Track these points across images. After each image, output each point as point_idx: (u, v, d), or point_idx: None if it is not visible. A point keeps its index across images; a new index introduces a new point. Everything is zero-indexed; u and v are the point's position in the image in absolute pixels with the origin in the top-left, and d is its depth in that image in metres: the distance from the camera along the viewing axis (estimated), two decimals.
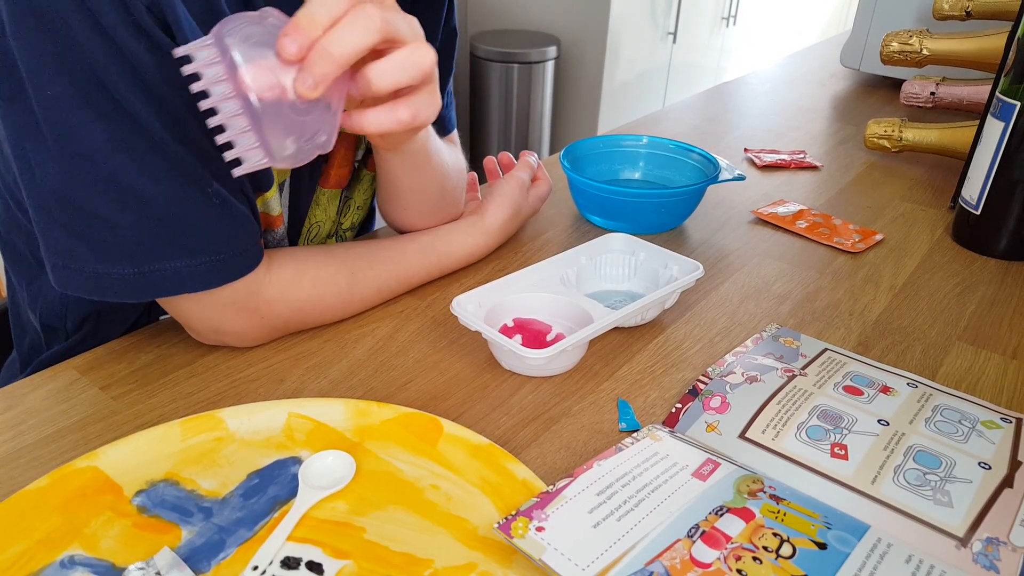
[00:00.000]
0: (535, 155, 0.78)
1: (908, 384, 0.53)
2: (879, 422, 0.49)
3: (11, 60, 0.44)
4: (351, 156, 0.67)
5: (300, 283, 0.56)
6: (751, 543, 0.38)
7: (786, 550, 0.38)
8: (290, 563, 0.39)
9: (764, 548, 0.38)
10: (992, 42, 0.97)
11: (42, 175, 0.46)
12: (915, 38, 1.03)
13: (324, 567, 0.38)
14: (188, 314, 0.54)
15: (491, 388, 0.54)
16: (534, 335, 0.58)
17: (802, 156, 0.99)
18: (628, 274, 0.66)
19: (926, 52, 1.03)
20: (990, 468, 0.45)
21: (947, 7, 1.01)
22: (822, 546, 0.39)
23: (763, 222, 0.81)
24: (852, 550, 0.38)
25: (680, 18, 2.89)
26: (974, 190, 0.74)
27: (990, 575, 0.38)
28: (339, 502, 0.43)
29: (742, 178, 0.78)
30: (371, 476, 0.44)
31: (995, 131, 0.71)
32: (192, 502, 0.42)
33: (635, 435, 0.47)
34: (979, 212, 0.74)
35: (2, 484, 0.44)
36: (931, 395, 0.52)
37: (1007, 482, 0.44)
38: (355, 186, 0.71)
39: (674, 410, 0.51)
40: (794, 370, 0.55)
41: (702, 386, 0.53)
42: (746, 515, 0.40)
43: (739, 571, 0.37)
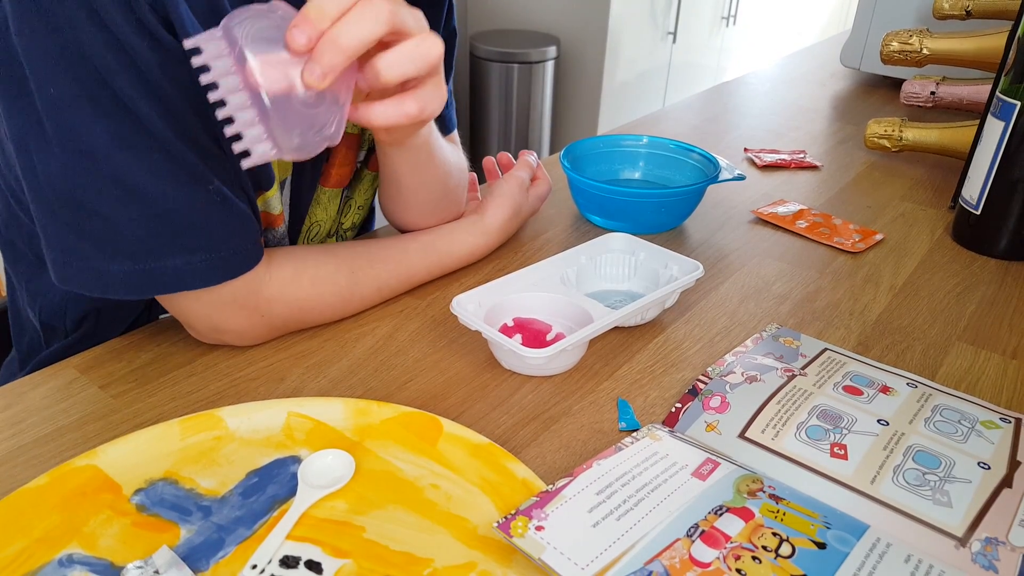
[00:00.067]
0: (534, 154, 0.78)
1: (908, 384, 0.53)
2: (879, 422, 0.49)
3: (15, 58, 0.44)
4: (353, 156, 0.67)
5: (300, 282, 0.56)
6: (750, 543, 0.38)
7: (785, 549, 0.38)
8: (289, 562, 0.39)
9: (763, 548, 0.38)
10: (992, 42, 0.97)
11: (44, 172, 0.46)
12: (915, 38, 1.03)
13: (323, 566, 0.38)
14: (188, 312, 0.54)
15: (491, 387, 0.54)
16: (534, 335, 0.58)
17: (802, 156, 0.99)
18: (628, 274, 0.66)
19: (926, 52, 1.03)
20: (989, 468, 0.45)
21: (947, 6, 1.01)
22: (821, 546, 0.39)
23: (763, 222, 0.81)
24: (851, 550, 0.38)
25: (680, 18, 2.89)
26: (974, 190, 0.74)
27: (989, 575, 0.38)
28: (338, 501, 0.43)
29: (742, 178, 0.78)
30: (371, 475, 0.44)
31: (995, 131, 0.71)
32: (191, 501, 0.42)
33: (635, 435, 0.47)
34: (979, 212, 0.74)
35: (1, 482, 0.44)
36: (931, 395, 0.52)
37: (1006, 482, 0.44)
38: (356, 186, 0.71)
39: (674, 410, 0.51)
40: (794, 370, 0.55)
41: (702, 386, 0.53)
42: (745, 515, 0.40)
43: (738, 570, 0.37)
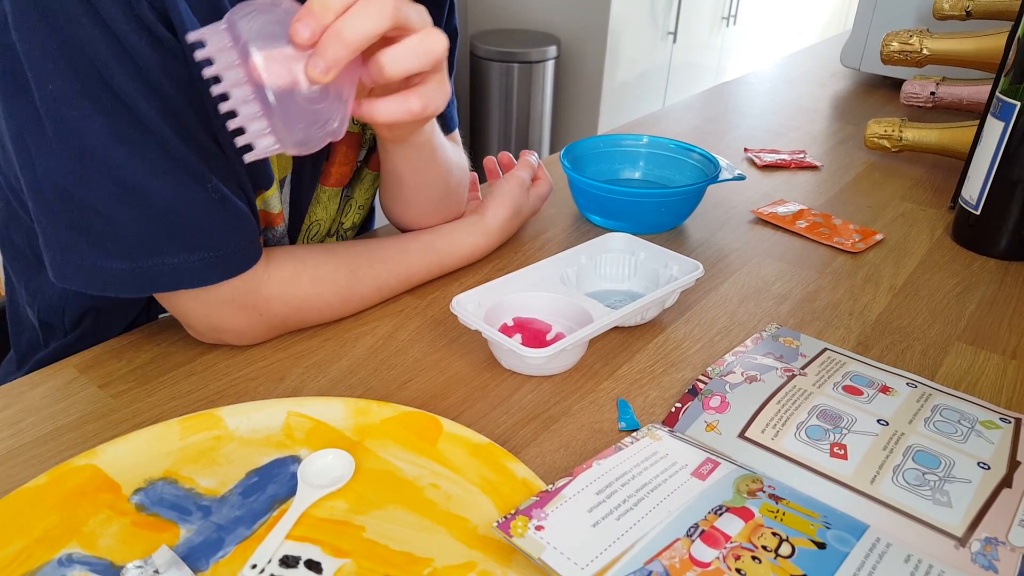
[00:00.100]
0: (535, 154, 0.78)
1: (907, 384, 0.53)
2: (878, 422, 0.49)
3: (14, 54, 0.44)
4: (353, 155, 0.67)
5: (299, 281, 0.56)
6: (750, 542, 0.38)
7: (785, 549, 0.38)
8: (289, 562, 0.39)
9: (763, 547, 0.38)
10: (992, 42, 0.97)
11: (43, 169, 0.46)
12: (915, 38, 1.03)
13: (323, 566, 0.38)
14: (187, 311, 0.54)
15: (491, 387, 0.54)
16: (534, 334, 0.58)
17: (802, 156, 0.99)
18: (628, 274, 0.66)
19: (926, 52, 1.03)
20: (989, 468, 0.45)
21: (947, 7, 1.01)
22: (821, 546, 0.39)
23: (763, 222, 0.81)
24: (851, 550, 0.38)
25: (680, 18, 2.89)
26: (974, 190, 0.74)
27: (989, 575, 0.38)
28: (338, 501, 0.42)
29: (742, 178, 0.78)
30: (370, 475, 0.44)
31: (995, 131, 0.71)
32: (191, 500, 0.42)
33: (635, 434, 0.47)
34: (979, 212, 0.74)
35: (1, 482, 0.44)
36: (930, 395, 0.52)
37: (1006, 482, 0.44)
38: (356, 185, 0.71)
39: (673, 409, 0.51)
40: (794, 370, 0.54)
41: (702, 386, 0.53)
42: (745, 514, 0.40)
43: (738, 570, 0.37)
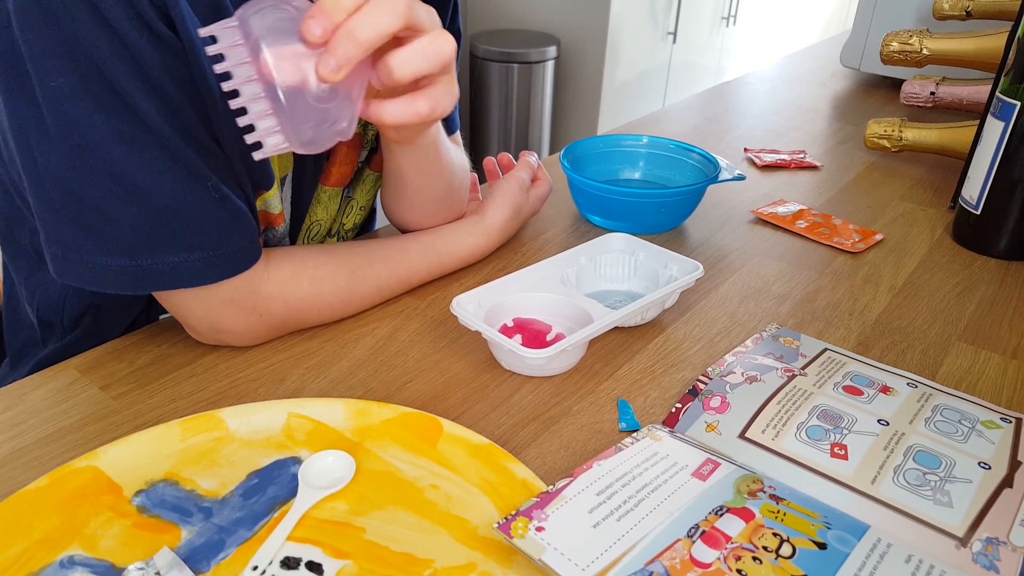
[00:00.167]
0: (535, 155, 0.78)
1: (908, 384, 0.53)
2: (879, 422, 0.49)
3: (16, 51, 0.45)
4: (355, 155, 0.67)
5: (298, 281, 0.56)
6: (751, 543, 0.38)
7: (786, 550, 0.38)
8: (290, 563, 0.39)
9: (764, 548, 0.38)
10: (992, 42, 0.97)
11: (44, 165, 0.46)
12: (915, 38, 1.03)
13: (324, 567, 0.38)
14: (187, 311, 0.54)
15: (491, 388, 0.54)
16: (534, 335, 0.58)
17: (802, 156, 0.99)
18: (628, 274, 0.66)
19: (926, 52, 1.03)
20: (990, 468, 0.45)
21: (947, 7, 1.01)
22: (822, 546, 0.39)
23: (763, 222, 0.81)
24: (852, 550, 0.38)
25: (680, 18, 2.89)
26: (974, 190, 0.74)
27: (990, 575, 0.38)
28: (339, 502, 0.43)
29: (742, 178, 0.78)
30: (371, 476, 0.44)
31: (995, 131, 0.71)
32: (192, 502, 0.42)
33: (635, 435, 0.47)
34: (979, 212, 0.74)
35: (2, 484, 0.44)
36: (931, 395, 0.52)
37: (1007, 482, 0.44)
38: (358, 186, 0.71)
39: (674, 410, 0.51)
40: (794, 370, 0.54)
41: (702, 386, 0.53)
42: (746, 515, 0.40)
43: (739, 571, 0.37)
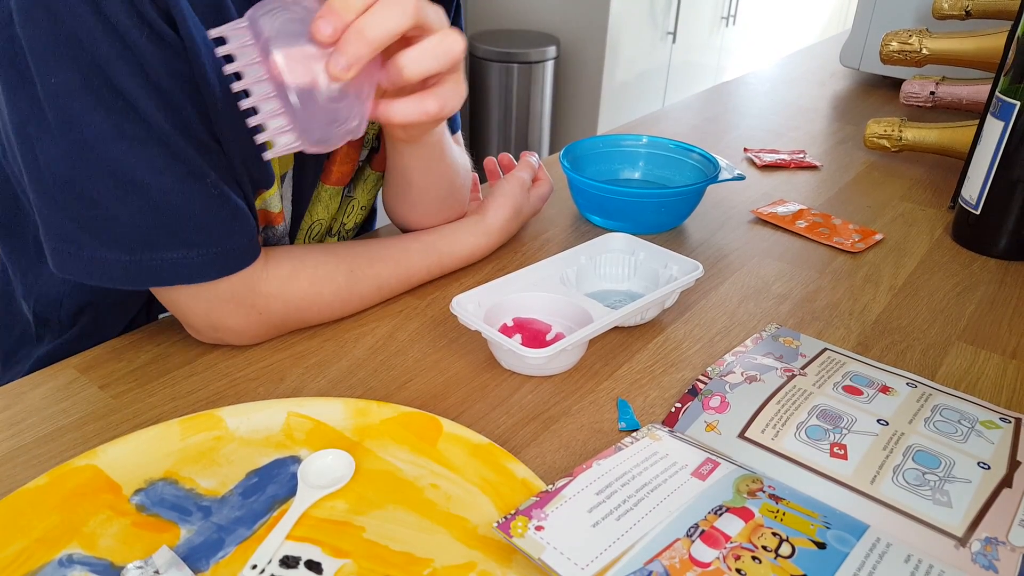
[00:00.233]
0: (536, 155, 0.78)
1: (907, 384, 0.53)
2: (878, 422, 0.49)
3: (18, 48, 0.45)
4: (355, 154, 0.67)
5: (298, 279, 0.56)
6: (750, 543, 0.38)
7: (785, 549, 0.38)
8: (289, 562, 0.39)
9: (763, 548, 0.38)
10: (992, 42, 0.97)
11: (44, 160, 0.46)
12: (915, 37, 1.03)
13: (323, 566, 0.38)
14: (186, 309, 0.54)
15: (491, 387, 0.54)
16: (534, 335, 0.58)
17: (802, 156, 0.99)
18: (628, 274, 0.66)
19: (926, 52, 1.03)
20: (989, 468, 0.45)
21: (947, 6, 1.01)
22: (821, 546, 0.39)
23: (763, 222, 0.81)
24: (851, 550, 0.38)
25: (680, 18, 2.89)
26: (974, 190, 0.74)
27: (989, 575, 0.38)
28: (338, 501, 0.43)
29: (742, 178, 0.78)
30: (370, 475, 0.44)
31: (995, 131, 0.71)
32: (191, 501, 0.42)
33: (634, 434, 0.47)
34: (979, 212, 0.74)
35: (1, 482, 0.44)
36: (930, 395, 0.52)
37: (1006, 482, 0.44)
38: (359, 185, 0.71)
39: (673, 410, 0.51)
40: (794, 370, 0.55)
41: (701, 386, 0.53)
42: (745, 515, 0.40)
43: (738, 570, 0.37)
